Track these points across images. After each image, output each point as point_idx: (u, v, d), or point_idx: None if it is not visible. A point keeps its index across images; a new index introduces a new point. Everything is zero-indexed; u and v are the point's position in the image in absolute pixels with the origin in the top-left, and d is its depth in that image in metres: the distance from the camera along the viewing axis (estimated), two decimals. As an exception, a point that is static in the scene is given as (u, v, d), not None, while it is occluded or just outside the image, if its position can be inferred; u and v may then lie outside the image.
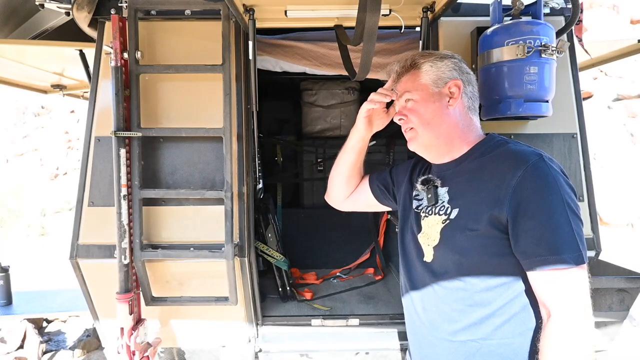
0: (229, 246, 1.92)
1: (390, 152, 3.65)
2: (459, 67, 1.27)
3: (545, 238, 1.03)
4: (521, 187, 1.06)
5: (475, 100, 1.29)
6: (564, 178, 1.09)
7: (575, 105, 2.06)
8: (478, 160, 1.20)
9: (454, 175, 1.25)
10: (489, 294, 1.13)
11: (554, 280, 1.03)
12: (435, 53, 1.32)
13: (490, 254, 1.11)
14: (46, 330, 4.20)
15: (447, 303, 1.19)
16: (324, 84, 3.61)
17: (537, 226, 1.04)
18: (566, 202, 1.04)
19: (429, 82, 1.26)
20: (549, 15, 2.07)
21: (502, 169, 1.11)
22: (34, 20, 2.39)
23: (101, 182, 2.00)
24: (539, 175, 1.06)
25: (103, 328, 2.18)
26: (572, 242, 1.02)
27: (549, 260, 1.02)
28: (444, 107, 1.24)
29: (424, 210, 1.29)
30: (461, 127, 1.25)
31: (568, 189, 1.07)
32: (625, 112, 8.27)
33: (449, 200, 1.23)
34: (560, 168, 1.11)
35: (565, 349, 1.01)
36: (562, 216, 1.03)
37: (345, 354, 2.22)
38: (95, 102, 2.03)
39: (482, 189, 1.13)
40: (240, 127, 2.06)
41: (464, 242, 1.14)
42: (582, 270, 1.03)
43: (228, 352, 2.29)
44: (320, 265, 3.37)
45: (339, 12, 1.94)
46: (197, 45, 2.01)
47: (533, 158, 1.09)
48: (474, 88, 1.29)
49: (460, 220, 1.16)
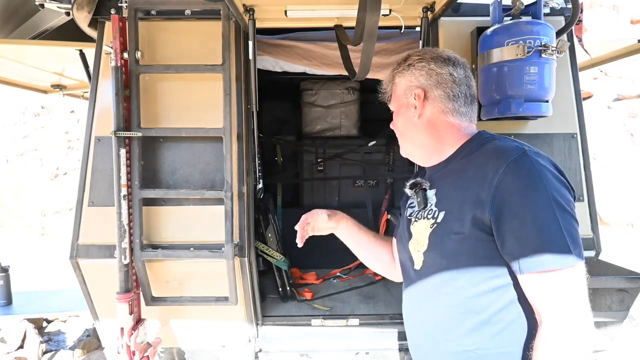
0: (229, 246, 1.92)
1: (391, 152, 3.65)
2: (427, 70, 1.18)
3: (530, 239, 0.96)
4: (503, 185, 0.99)
5: (457, 99, 1.17)
6: (553, 173, 1.01)
7: (575, 105, 2.06)
8: (465, 159, 1.14)
9: (442, 177, 1.20)
10: (482, 300, 1.05)
11: (543, 284, 0.96)
12: (410, 59, 1.22)
13: (479, 257, 1.05)
14: (46, 330, 4.20)
15: (440, 311, 1.13)
16: (324, 84, 3.61)
17: (521, 226, 0.97)
18: (553, 199, 0.96)
19: (400, 94, 1.23)
20: (549, 15, 2.07)
21: (485, 167, 1.04)
22: (34, 20, 2.39)
23: (101, 182, 2.00)
24: (521, 172, 0.99)
25: (103, 328, 2.18)
26: (560, 242, 0.94)
27: (535, 263, 0.95)
28: (411, 118, 1.20)
29: (415, 215, 1.24)
30: (437, 134, 1.19)
31: (557, 183, 0.99)
32: (625, 112, 8.27)
33: (436, 202, 1.17)
34: (550, 162, 1.04)
35: (556, 357, 0.93)
36: (548, 214, 0.95)
37: (345, 354, 2.22)
38: (95, 102, 2.03)
39: (466, 189, 1.07)
40: (240, 127, 2.06)
41: (451, 246, 1.08)
42: (573, 272, 0.95)
43: (228, 352, 2.29)
44: (320, 265, 3.37)
45: (339, 12, 1.94)
46: (197, 45, 2.01)
47: (515, 153, 1.01)
48: (453, 87, 1.17)
49: (447, 223, 1.10)
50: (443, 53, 1.20)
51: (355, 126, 3.68)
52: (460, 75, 1.18)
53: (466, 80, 1.18)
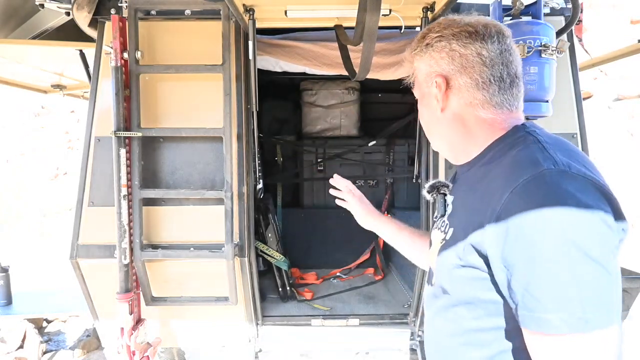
0: (229, 246, 1.92)
1: (391, 152, 3.65)
2: (449, 52, 0.93)
3: (532, 288, 0.73)
4: (505, 215, 0.75)
5: (489, 85, 0.91)
6: (584, 203, 0.71)
7: (575, 105, 2.06)
8: (484, 168, 0.91)
9: (462, 183, 0.99)
10: (484, 335, 0.87)
11: (542, 347, 0.74)
12: (429, 36, 0.96)
13: (479, 289, 0.84)
14: (46, 330, 4.20)
15: (441, 336, 0.98)
16: (324, 84, 3.61)
17: (524, 270, 0.74)
18: (572, 242, 0.70)
19: (422, 80, 1.00)
20: (549, 15, 2.07)
21: (493, 187, 0.82)
22: (34, 20, 2.39)
23: (101, 182, 2.00)
24: (530, 200, 0.73)
25: (103, 328, 2.18)
26: (571, 300, 0.70)
27: (534, 319, 0.73)
28: (434, 111, 0.97)
29: (437, 220, 1.05)
30: (466, 130, 0.95)
31: (587, 219, 0.71)
32: (625, 112, 8.28)
33: (450, 214, 0.98)
34: (590, 186, 0.74)
35: None
36: (560, 262, 0.70)
37: (345, 354, 2.22)
38: (95, 102, 2.03)
39: (473, 211, 0.86)
40: (240, 127, 2.06)
41: (451, 269, 0.90)
42: (586, 339, 0.70)
43: (228, 352, 2.29)
44: (320, 265, 3.37)
45: (339, 12, 1.94)
46: (197, 45, 2.01)
47: (530, 172, 0.76)
48: (482, 71, 0.90)
49: (452, 243, 0.90)
50: (469, 24, 0.93)
51: (355, 126, 3.68)
52: (493, 52, 0.90)
53: (502, 57, 0.91)
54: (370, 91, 3.72)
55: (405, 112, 3.59)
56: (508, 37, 0.93)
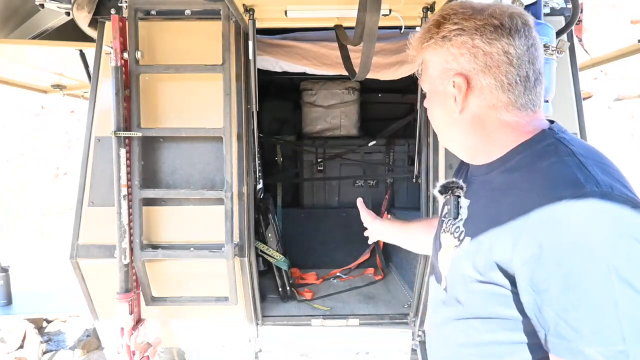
0: (229, 246, 1.92)
1: (391, 152, 3.65)
2: (470, 48, 0.82)
3: (569, 317, 0.68)
4: (542, 234, 0.70)
5: (515, 86, 0.82)
6: (635, 228, 0.67)
7: (575, 105, 2.06)
8: (508, 175, 0.84)
9: (480, 186, 0.92)
10: (499, 348, 0.83)
11: None
12: (445, 28, 0.84)
13: (499, 305, 0.80)
14: (46, 330, 4.20)
15: (451, 344, 0.93)
16: (324, 84, 3.61)
17: (560, 297, 0.68)
18: (616, 272, 0.66)
19: (435, 75, 0.89)
20: (549, 15, 2.07)
21: (524, 203, 0.75)
22: (34, 20, 2.39)
23: (101, 182, 2.00)
24: (572, 224, 0.68)
25: (103, 328, 2.18)
26: (611, 332, 0.66)
27: (569, 350, 0.68)
28: (451, 112, 0.88)
29: (446, 222, 0.99)
30: (486, 134, 0.87)
31: (637, 246, 0.67)
32: (625, 112, 8.28)
33: (465, 220, 0.91)
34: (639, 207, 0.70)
35: None
36: (602, 292, 0.66)
37: (345, 354, 2.22)
38: (95, 102, 2.03)
39: (497, 223, 0.79)
40: (240, 127, 2.06)
41: (467, 282, 0.84)
42: None
43: (228, 352, 2.29)
44: (320, 265, 3.37)
45: (339, 12, 1.94)
46: (197, 45, 2.01)
47: (569, 193, 0.70)
48: (509, 71, 0.81)
49: (469, 253, 0.85)
50: (493, 15, 0.81)
51: (355, 126, 3.68)
52: (520, 49, 0.81)
53: (529, 54, 0.82)
54: (370, 91, 3.72)
55: (405, 112, 3.58)
56: (533, 27, 0.84)
